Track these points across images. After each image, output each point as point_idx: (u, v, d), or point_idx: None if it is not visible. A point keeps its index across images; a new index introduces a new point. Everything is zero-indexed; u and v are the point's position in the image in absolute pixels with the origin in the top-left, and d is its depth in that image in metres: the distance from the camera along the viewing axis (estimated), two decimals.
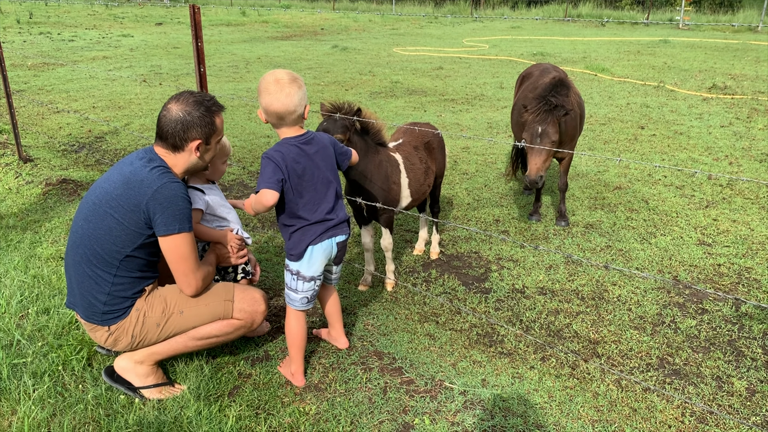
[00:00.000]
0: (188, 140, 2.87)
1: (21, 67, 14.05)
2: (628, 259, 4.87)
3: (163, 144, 2.90)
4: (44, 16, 28.95)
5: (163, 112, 2.88)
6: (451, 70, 14.49)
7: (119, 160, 3.04)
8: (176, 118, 2.84)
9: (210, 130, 2.91)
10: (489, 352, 3.61)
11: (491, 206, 5.94)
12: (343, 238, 3.16)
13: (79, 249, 2.85)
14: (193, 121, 2.85)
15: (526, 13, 35.38)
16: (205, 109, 2.88)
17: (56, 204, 5.75)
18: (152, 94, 11.29)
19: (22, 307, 3.81)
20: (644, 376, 3.42)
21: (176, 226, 2.78)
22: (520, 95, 5.79)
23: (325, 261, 3.12)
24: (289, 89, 2.85)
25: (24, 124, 8.87)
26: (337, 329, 3.53)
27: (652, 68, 14.54)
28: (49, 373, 3.17)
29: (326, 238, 3.07)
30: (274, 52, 17.59)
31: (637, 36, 22.84)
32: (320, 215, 3.02)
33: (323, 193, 3.03)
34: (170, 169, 2.89)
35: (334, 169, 3.12)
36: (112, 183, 2.83)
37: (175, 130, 2.84)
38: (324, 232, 3.05)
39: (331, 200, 3.06)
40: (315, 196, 3.00)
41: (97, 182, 2.96)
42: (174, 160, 2.91)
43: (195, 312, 2.99)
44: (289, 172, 2.89)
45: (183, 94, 2.92)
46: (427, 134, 4.42)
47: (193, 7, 3.78)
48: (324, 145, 3.07)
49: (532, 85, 5.67)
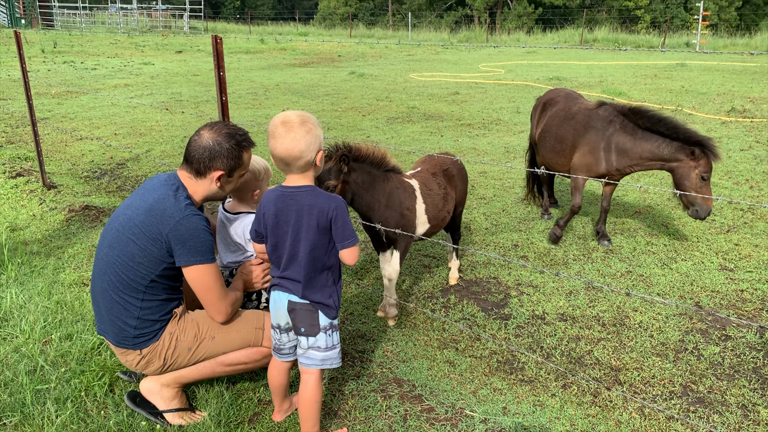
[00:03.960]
0: (211, 169, 2.91)
1: (45, 96, 14.35)
2: (648, 284, 4.83)
3: (187, 168, 2.95)
4: (68, 45, 29.64)
5: (195, 137, 2.94)
6: (467, 95, 14.57)
7: (141, 185, 3.08)
8: (205, 146, 2.89)
9: (235, 163, 2.95)
10: (509, 379, 3.58)
11: (509, 231, 5.93)
12: (297, 300, 2.76)
13: (105, 276, 2.90)
14: (221, 152, 2.90)
15: (541, 39, 35.59)
16: (235, 143, 2.93)
17: (79, 230, 5.84)
18: (173, 121, 11.47)
19: (46, 333, 3.86)
20: (667, 404, 3.37)
21: (198, 258, 2.82)
22: (553, 122, 5.79)
23: (278, 314, 2.85)
24: (296, 133, 2.61)
25: (48, 151, 9.04)
26: None
27: (670, 92, 14.51)
28: (72, 399, 3.20)
29: (279, 289, 2.82)
30: (292, 79, 17.82)
31: (653, 59, 22.84)
32: (279, 270, 2.80)
33: (289, 253, 2.73)
34: (192, 197, 2.94)
35: (313, 237, 2.70)
36: (134, 210, 2.88)
37: (202, 157, 2.89)
38: (277, 283, 2.82)
39: (298, 265, 2.73)
40: (285, 252, 2.75)
41: (119, 209, 3.01)
42: (195, 186, 2.96)
43: (226, 338, 3.03)
44: (265, 223, 2.76)
45: (218, 124, 2.98)
46: (446, 161, 4.44)
47: (216, 37, 3.86)
48: (305, 207, 2.69)
49: (564, 112, 5.73)
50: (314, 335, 2.80)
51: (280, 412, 3.15)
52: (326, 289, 2.81)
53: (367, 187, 3.75)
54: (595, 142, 5.30)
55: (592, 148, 5.32)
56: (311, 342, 2.81)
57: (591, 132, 5.35)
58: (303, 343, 2.83)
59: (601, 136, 5.28)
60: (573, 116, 5.61)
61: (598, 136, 5.29)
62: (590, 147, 5.33)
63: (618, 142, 5.20)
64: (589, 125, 5.39)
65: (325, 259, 2.78)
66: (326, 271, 2.80)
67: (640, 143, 5.11)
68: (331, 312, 2.82)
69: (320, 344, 2.81)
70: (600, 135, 5.29)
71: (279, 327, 2.89)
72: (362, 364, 3.67)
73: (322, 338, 2.81)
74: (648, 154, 5.10)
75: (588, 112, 5.50)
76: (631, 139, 5.15)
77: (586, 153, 5.35)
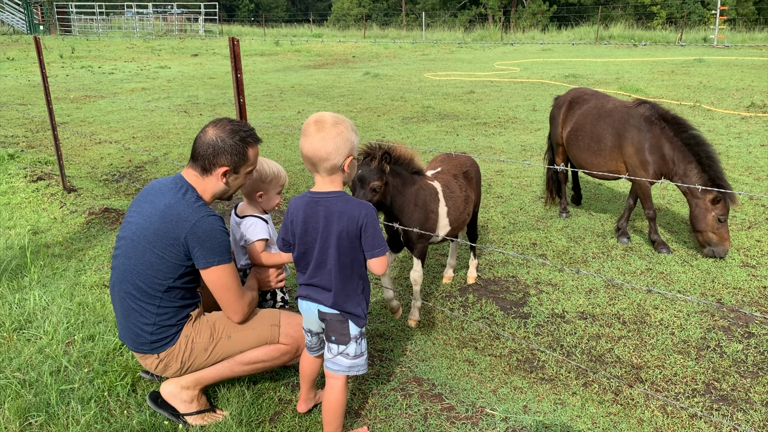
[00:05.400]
0: (216, 165, 2.91)
1: (64, 100, 14.52)
2: (669, 282, 4.78)
3: (193, 165, 2.95)
4: (85, 50, 29.96)
5: (200, 134, 2.94)
6: (482, 93, 14.53)
7: (144, 189, 3.08)
8: (209, 142, 2.89)
9: (240, 159, 2.94)
10: (530, 377, 3.57)
11: (527, 229, 5.90)
12: (326, 310, 2.75)
13: (122, 285, 2.93)
14: (225, 148, 2.89)
15: (556, 36, 35.39)
16: (239, 139, 2.92)
17: (99, 233, 5.90)
18: (190, 123, 11.55)
19: (69, 334, 3.91)
20: (690, 401, 3.34)
21: (216, 258, 2.84)
22: (585, 121, 5.66)
23: (308, 320, 2.87)
24: (326, 133, 2.54)
25: (67, 155, 9.14)
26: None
27: (688, 88, 14.37)
28: (96, 399, 3.24)
29: (306, 300, 2.81)
30: (307, 81, 17.88)
31: (670, 55, 22.63)
32: (306, 278, 2.77)
33: (316, 260, 2.71)
34: (202, 196, 2.95)
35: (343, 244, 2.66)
36: (146, 217, 2.88)
37: (206, 153, 2.89)
38: (305, 293, 2.81)
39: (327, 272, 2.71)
40: (312, 259, 2.73)
41: (128, 216, 3.00)
42: (204, 184, 2.95)
43: (242, 337, 3.04)
44: (293, 230, 2.73)
45: (222, 120, 2.97)
46: (466, 163, 4.42)
47: (233, 39, 3.89)
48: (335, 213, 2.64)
49: (597, 110, 5.60)
50: (345, 344, 2.79)
51: (306, 401, 3.16)
52: (355, 297, 2.78)
53: (399, 189, 3.73)
54: (639, 142, 5.19)
55: (637, 149, 5.20)
56: (341, 349, 2.80)
57: (633, 131, 5.23)
58: (333, 350, 2.81)
59: (645, 136, 5.16)
60: (609, 114, 5.49)
61: (642, 135, 5.18)
62: (636, 147, 5.21)
63: (660, 145, 5.09)
64: (630, 124, 5.27)
65: (354, 266, 2.73)
66: (355, 279, 2.76)
67: (677, 154, 5.02)
68: (360, 321, 2.80)
69: (349, 352, 2.80)
70: (644, 135, 5.17)
71: (310, 331, 2.91)
72: (381, 363, 3.68)
73: (352, 347, 2.80)
74: (681, 170, 5.01)
75: (627, 109, 5.39)
76: (671, 147, 5.05)
77: (632, 154, 5.23)
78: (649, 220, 5.39)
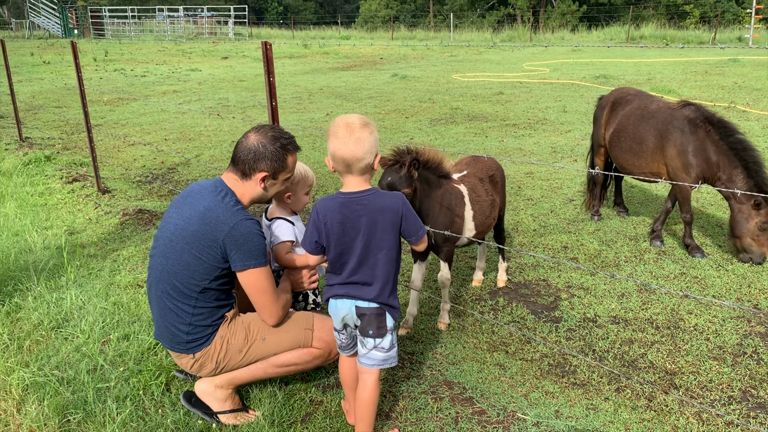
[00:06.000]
0: (256, 170, 2.96)
1: (98, 103, 14.80)
2: (703, 286, 4.70)
3: (233, 169, 3.01)
4: (118, 53, 30.51)
5: (242, 139, 3.01)
6: (511, 95, 14.44)
7: (184, 191, 3.14)
8: (250, 147, 2.95)
9: (279, 166, 3.00)
10: (561, 382, 3.54)
11: (558, 232, 5.85)
12: (365, 305, 2.79)
13: (159, 285, 2.98)
14: (265, 154, 2.95)
15: (586, 37, 35.03)
16: (280, 146, 2.98)
17: (133, 233, 6.00)
18: (221, 126, 11.69)
19: (104, 333, 3.98)
20: (726, 409, 3.28)
21: (252, 261, 2.88)
22: (628, 122, 5.57)
23: (344, 319, 2.87)
24: (360, 134, 2.63)
25: (101, 157, 9.32)
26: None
27: (722, 88, 14.11)
28: (131, 398, 3.29)
29: (344, 298, 2.82)
30: (335, 83, 17.96)
31: (704, 56, 22.23)
32: (345, 278, 2.79)
33: (358, 257, 2.75)
34: (240, 200, 2.99)
35: (387, 238, 2.75)
36: (185, 219, 2.94)
37: (247, 158, 2.95)
38: (343, 292, 2.82)
39: (369, 268, 2.77)
40: (350, 258, 2.76)
41: (167, 217, 3.06)
42: (243, 188, 3.01)
43: (276, 339, 3.08)
44: (327, 233, 2.74)
45: (264, 127, 3.04)
46: (491, 166, 4.40)
47: (265, 43, 3.93)
48: (378, 210, 2.71)
49: (640, 110, 5.52)
50: (382, 337, 2.82)
51: None
52: (394, 290, 2.86)
53: (426, 193, 3.72)
54: (682, 145, 5.08)
55: (680, 151, 5.10)
56: (377, 342, 2.82)
57: (676, 133, 5.13)
58: (368, 344, 2.83)
59: (689, 138, 5.05)
60: (652, 115, 5.40)
61: (686, 138, 5.07)
62: (678, 150, 5.11)
63: (705, 149, 4.99)
64: (673, 125, 5.16)
65: (397, 259, 2.83)
66: (395, 271, 2.85)
67: (722, 158, 4.91)
68: (395, 313, 2.85)
69: (384, 345, 2.83)
70: (688, 137, 5.06)
71: (341, 330, 2.93)
72: (412, 366, 3.68)
73: (387, 339, 2.83)
74: (725, 175, 4.91)
75: (671, 111, 5.29)
76: (716, 151, 4.94)
77: (674, 156, 5.13)
78: (685, 224, 5.30)
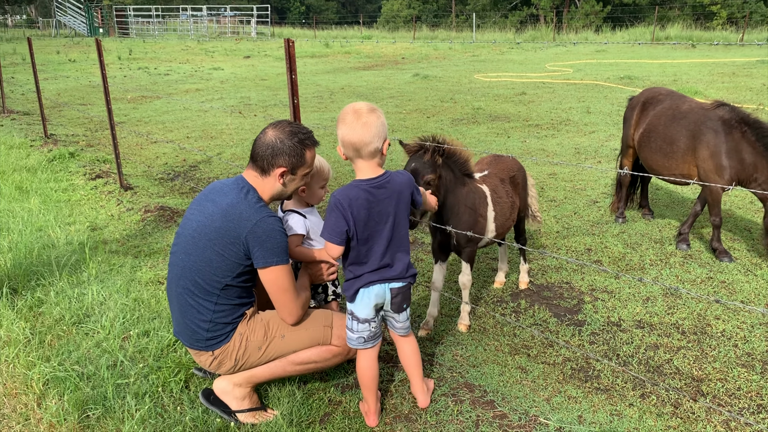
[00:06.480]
0: (274, 166, 2.95)
1: (122, 101, 14.94)
2: (731, 291, 4.59)
3: (253, 166, 3.00)
4: (142, 52, 30.82)
5: (260, 135, 3.00)
6: (534, 95, 14.32)
7: (206, 188, 3.13)
8: (269, 143, 2.94)
9: (298, 161, 2.98)
10: (584, 387, 3.47)
11: (582, 234, 5.76)
12: (399, 285, 2.98)
13: (180, 281, 2.97)
14: (283, 149, 2.93)
15: (610, 37, 34.67)
16: (298, 141, 2.96)
17: (154, 230, 6.03)
18: (242, 124, 11.73)
19: (125, 329, 3.99)
20: (756, 417, 3.19)
21: (274, 259, 2.86)
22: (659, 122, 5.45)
23: (377, 305, 2.98)
24: (367, 119, 2.74)
25: (124, 154, 9.38)
26: (414, 385, 3.25)
27: (750, 90, 13.85)
28: (150, 394, 3.29)
29: (378, 283, 2.94)
30: (356, 82, 17.95)
31: (731, 57, 21.87)
32: (376, 263, 2.91)
33: (386, 240, 2.89)
34: (261, 197, 2.98)
35: (406, 215, 2.96)
36: (208, 216, 2.93)
37: (265, 154, 2.94)
38: (378, 278, 2.93)
39: (395, 247, 2.94)
40: (377, 243, 2.89)
41: (189, 214, 3.05)
42: (262, 185, 3.00)
43: (295, 336, 3.06)
44: (355, 221, 2.81)
45: (282, 122, 3.02)
46: (513, 167, 4.34)
47: (288, 41, 3.90)
48: (398, 190, 2.89)
49: (672, 110, 5.39)
50: (409, 305, 3.10)
51: (377, 413, 3.13)
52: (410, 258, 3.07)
53: (451, 188, 3.69)
54: (716, 146, 4.93)
55: (713, 153, 4.95)
56: (408, 312, 3.11)
57: (709, 134, 4.98)
58: (402, 317, 3.08)
59: (723, 139, 4.90)
60: (684, 115, 5.26)
61: (719, 139, 4.92)
62: (711, 151, 4.96)
63: (740, 150, 4.84)
64: (706, 126, 5.02)
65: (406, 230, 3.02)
66: (409, 242, 3.04)
67: (760, 159, 4.77)
68: (414, 278, 3.06)
69: (409, 312, 3.12)
70: (722, 138, 4.91)
71: (372, 318, 2.99)
72: (432, 368, 3.63)
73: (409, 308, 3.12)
74: (763, 177, 4.77)
75: (704, 111, 5.14)
76: (753, 153, 4.79)
77: (707, 158, 4.98)
78: (713, 227, 5.18)
